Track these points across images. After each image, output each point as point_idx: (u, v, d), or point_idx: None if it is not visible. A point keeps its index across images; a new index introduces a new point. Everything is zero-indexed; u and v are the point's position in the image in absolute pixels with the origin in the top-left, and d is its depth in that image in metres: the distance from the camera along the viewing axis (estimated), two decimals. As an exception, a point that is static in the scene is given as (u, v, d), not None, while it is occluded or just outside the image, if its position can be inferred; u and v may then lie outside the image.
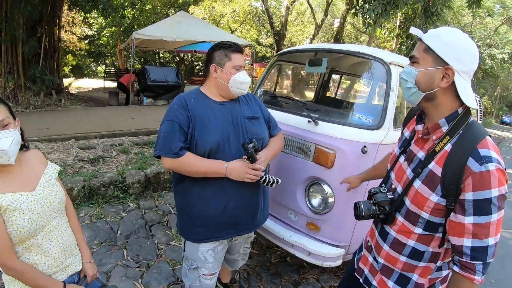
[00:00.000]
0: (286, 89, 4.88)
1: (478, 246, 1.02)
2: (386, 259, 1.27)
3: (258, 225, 1.98)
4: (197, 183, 1.72)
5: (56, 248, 1.35)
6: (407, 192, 1.16)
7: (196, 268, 1.88)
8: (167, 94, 10.21)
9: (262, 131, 1.85)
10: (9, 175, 1.25)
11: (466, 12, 14.99)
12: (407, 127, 1.34)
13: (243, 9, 21.84)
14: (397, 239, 1.22)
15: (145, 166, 4.25)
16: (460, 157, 1.02)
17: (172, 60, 22.58)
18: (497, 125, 29.89)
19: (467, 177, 1.00)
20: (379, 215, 1.23)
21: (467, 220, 1.01)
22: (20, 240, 1.24)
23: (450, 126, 1.09)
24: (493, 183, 0.97)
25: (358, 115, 2.34)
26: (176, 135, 1.62)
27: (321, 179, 2.22)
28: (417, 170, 1.13)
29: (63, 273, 1.39)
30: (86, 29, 21.27)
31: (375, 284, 1.33)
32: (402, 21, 10.73)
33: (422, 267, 1.21)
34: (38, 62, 8.58)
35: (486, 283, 3.18)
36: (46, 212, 1.30)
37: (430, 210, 1.09)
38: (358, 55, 2.52)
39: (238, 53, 1.72)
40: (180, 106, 1.67)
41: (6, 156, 1.17)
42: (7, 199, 1.19)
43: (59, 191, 1.40)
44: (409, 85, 1.14)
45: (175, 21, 11.57)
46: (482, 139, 1.03)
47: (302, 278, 2.84)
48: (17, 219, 1.20)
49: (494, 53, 17.19)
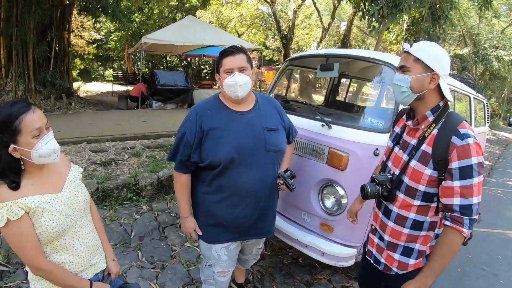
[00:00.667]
0: (294, 93, 4.93)
1: (465, 204, 1.28)
2: (391, 235, 1.51)
3: (269, 233, 2.05)
4: (210, 188, 1.81)
5: (83, 247, 1.39)
6: (405, 171, 1.43)
7: (211, 266, 1.95)
8: (176, 98, 10.26)
9: (281, 142, 1.87)
10: (36, 178, 1.28)
11: (473, 13, 14.93)
12: (398, 124, 1.64)
13: (250, 13, 21.97)
14: (400, 214, 1.47)
15: (158, 169, 4.32)
16: (446, 136, 1.32)
17: (179, 64, 22.74)
18: (504, 127, 29.53)
19: (452, 150, 1.28)
20: (382, 193, 1.47)
21: (455, 183, 1.28)
22: (48, 241, 1.27)
23: (435, 116, 1.39)
24: (473, 153, 1.26)
25: (370, 119, 2.40)
26: (180, 151, 1.76)
27: (334, 181, 2.28)
28: (412, 152, 1.42)
29: (90, 272, 1.43)
30: (94, 33, 21.53)
31: (383, 260, 1.57)
32: (410, 24, 10.73)
33: (423, 236, 1.46)
34: (48, 66, 8.69)
35: (495, 283, 3.22)
36: (73, 213, 1.34)
37: (426, 182, 1.36)
38: (369, 60, 2.58)
39: (229, 56, 1.71)
40: (193, 120, 1.74)
41: (55, 155, 1.25)
42: (36, 201, 1.22)
43: (84, 192, 1.45)
44: (403, 90, 1.40)
45: (184, 25, 11.67)
46: (461, 122, 1.34)
47: (314, 278, 2.88)
48: (46, 220, 1.24)
49: (501, 55, 17.03)
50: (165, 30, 11.53)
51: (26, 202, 1.20)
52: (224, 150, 1.69)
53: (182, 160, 1.77)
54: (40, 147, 1.20)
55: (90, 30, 18.20)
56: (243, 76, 1.69)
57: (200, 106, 1.83)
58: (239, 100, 1.75)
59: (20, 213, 1.18)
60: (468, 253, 3.79)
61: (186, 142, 1.73)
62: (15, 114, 1.17)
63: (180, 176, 1.82)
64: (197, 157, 1.74)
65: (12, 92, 8.18)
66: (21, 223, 1.19)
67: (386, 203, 1.53)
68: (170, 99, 10.21)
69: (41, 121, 1.22)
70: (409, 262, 1.50)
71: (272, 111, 1.91)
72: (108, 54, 23.80)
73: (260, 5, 22.51)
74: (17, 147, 1.18)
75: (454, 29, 16.62)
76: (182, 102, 10.41)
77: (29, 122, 1.18)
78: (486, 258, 3.78)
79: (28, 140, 1.19)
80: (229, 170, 1.73)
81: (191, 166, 1.79)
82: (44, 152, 1.21)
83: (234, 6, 21.38)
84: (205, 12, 21.05)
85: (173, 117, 8.17)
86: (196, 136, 1.71)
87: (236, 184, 1.76)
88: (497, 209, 5.63)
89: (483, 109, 4.98)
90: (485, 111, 5.03)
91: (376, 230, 1.63)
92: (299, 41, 26.06)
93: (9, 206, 1.17)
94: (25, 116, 1.18)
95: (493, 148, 12.98)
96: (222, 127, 1.72)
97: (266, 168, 1.81)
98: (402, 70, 1.40)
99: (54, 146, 1.24)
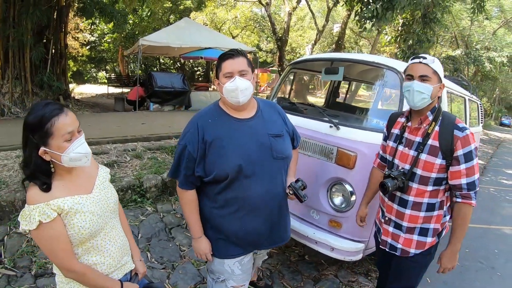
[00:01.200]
0: (296, 96, 5.01)
1: (470, 181, 1.59)
2: (409, 220, 1.75)
3: (282, 241, 1.94)
4: (217, 204, 1.72)
5: (114, 247, 1.37)
6: (416, 164, 1.67)
7: (224, 281, 1.81)
8: (173, 100, 10.29)
9: (287, 148, 1.80)
10: (66, 180, 1.26)
11: (465, 16, 15.20)
12: (394, 127, 1.88)
13: (245, 15, 22.00)
14: (415, 201, 1.72)
15: (161, 170, 4.37)
16: (448, 131, 1.61)
17: (172, 66, 22.68)
18: (496, 126, 30.06)
19: (457, 141, 1.58)
20: (399, 186, 1.70)
21: (461, 167, 1.58)
22: (80, 242, 1.25)
23: (433, 115, 1.68)
24: (471, 141, 1.58)
25: (376, 120, 2.50)
26: (183, 166, 1.65)
27: (343, 179, 2.38)
28: (420, 148, 1.67)
29: (120, 272, 1.41)
30: (87, 35, 21.43)
31: (400, 246, 1.80)
32: (402, 25, 10.90)
33: (436, 215, 1.74)
34: (45, 68, 8.64)
35: (493, 276, 3.34)
36: (104, 213, 1.32)
37: (437, 170, 1.64)
38: (373, 65, 2.68)
39: (229, 59, 1.61)
40: (195, 131, 1.64)
41: (85, 159, 1.24)
42: (68, 202, 1.20)
43: (113, 192, 1.43)
44: (424, 96, 1.63)
45: (180, 27, 11.67)
46: (455, 118, 1.66)
47: (321, 274, 2.97)
48: (78, 221, 1.22)
49: (493, 56, 17.33)
50: (161, 32, 11.54)
51: (58, 204, 1.18)
52: (229, 161, 1.60)
53: (186, 175, 1.66)
54: (72, 151, 1.18)
55: (84, 31, 18.06)
56: (244, 81, 1.59)
57: (199, 116, 1.70)
58: (240, 106, 1.66)
59: (53, 215, 1.16)
60: (466, 248, 3.91)
61: (188, 155, 1.62)
62: (48, 116, 1.14)
63: (186, 193, 1.70)
64: (201, 171, 1.64)
65: (8, 93, 8.11)
66: (53, 225, 1.17)
67: (401, 195, 1.76)
68: (168, 101, 10.23)
69: (74, 124, 1.20)
70: (426, 240, 1.76)
71: (275, 117, 1.83)
72: (101, 56, 23.66)
73: (254, 7, 22.61)
74: (47, 150, 1.16)
75: (447, 30, 16.88)
76: (179, 104, 10.45)
77: (62, 126, 1.16)
78: (483, 253, 3.91)
79: (60, 143, 1.16)
80: (237, 182, 1.64)
81: (196, 181, 1.68)
82: (75, 156, 1.19)
83: (229, 8, 21.40)
84: (199, 14, 21.03)
85: (172, 119, 8.22)
86: (199, 148, 1.61)
87: (244, 197, 1.67)
88: (491, 207, 5.79)
89: (477, 109, 5.11)
90: (479, 111, 5.16)
91: (390, 220, 1.84)
92: (293, 43, 26.12)
93: (41, 208, 1.15)
94: (57, 119, 1.15)
95: (486, 148, 13.23)
96: (224, 137, 1.62)
97: (274, 177, 1.73)
98: (422, 79, 1.62)
99: (86, 151, 1.23)
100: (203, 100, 11.13)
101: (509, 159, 11.82)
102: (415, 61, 1.68)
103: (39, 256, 2.72)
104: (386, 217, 1.87)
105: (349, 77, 4.05)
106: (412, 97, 1.65)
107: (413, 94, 1.63)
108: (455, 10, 13.57)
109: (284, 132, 1.80)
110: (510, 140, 20.28)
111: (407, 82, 1.68)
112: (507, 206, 5.97)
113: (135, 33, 17.44)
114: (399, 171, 1.72)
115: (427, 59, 1.63)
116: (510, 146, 16.58)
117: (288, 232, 1.97)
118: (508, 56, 17.98)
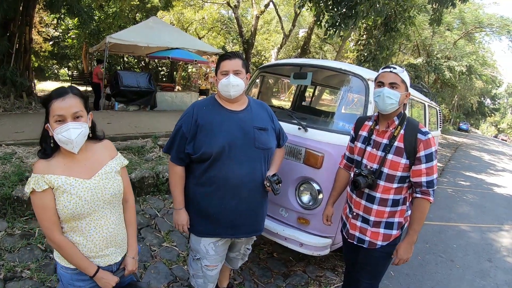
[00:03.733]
0: (258, 97, 5.12)
1: (429, 180, 1.78)
2: (376, 215, 1.92)
3: (258, 231, 2.12)
4: (200, 180, 1.92)
5: (99, 236, 1.43)
6: (384, 164, 1.85)
7: (199, 259, 2.05)
8: (139, 99, 10.02)
9: (270, 141, 2.00)
10: (72, 161, 1.39)
11: (427, 26, 16.01)
12: (362, 129, 2.03)
13: (212, 16, 21.86)
14: (382, 197, 1.88)
15: (129, 171, 4.28)
16: (412, 134, 1.80)
17: (136, 65, 22.06)
18: (454, 131, 31.86)
19: (419, 143, 1.77)
20: (369, 183, 1.86)
21: (422, 166, 1.77)
22: (64, 219, 1.36)
23: (399, 120, 1.86)
24: (432, 144, 1.78)
25: (342, 123, 2.65)
26: (176, 143, 1.91)
27: (311, 178, 2.51)
28: (387, 149, 1.85)
29: (101, 261, 1.47)
30: (51, 30, 20.51)
31: (368, 239, 1.96)
32: (363, 30, 11.22)
33: (399, 210, 1.92)
34: (8, 63, 8.24)
35: (452, 269, 3.62)
36: (95, 201, 1.39)
37: (402, 169, 1.81)
38: (341, 71, 2.83)
39: (227, 60, 1.88)
40: (190, 114, 1.91)
41: (71, 145, 1.32)
42: (60, 181, 1.33)
43: (116, 184, 1.48)
44: (393, 102, 1.81)
45: (149, 26, 11.39)
46: (419, 123, 1.86)
47: (290, 270, 3.09)
48: (64, 200, 1.33)
49: (453, 65, 18.33)
50: (129, 31, 11.21)
51: (51, 179, 1.31)
52: (216, 142, 1.82)
53: (177, 152, 1.90)
54: (59, 133, 1.29)
55: (50, 26, 17.24)
56: (236, 79, 1.85)
57: (197, 103, 1.99)
58: (231, 99, 1.91)
59: (44, 187, 1.30)
60: (426, 243, 4.20)
61: (182, 134, 1.88)
62: (49, 98, 1.32)
63: (175, 167, 1.94)
64: (191, 149, 1.87)
65: (-31, 89, 7.70)
66: (43, 196, 1.31)
67: (369, 191, 1.92)
68: (133, 101, 9.94)
69: (67, 110, 1.31)
70: (392, 233, 1.93)
71: (263, 114, 2.06)
72: (64, 52, 22.66)
73: (222, 9, 22.51)
74: (48, 126, 1.32)
75: (409, 40, 17.69)
76: (145, 104, 10.20)
77: (55, 108, 1.30)
78: (442, 247, 4.20)
79: (52, 123, 1.30)
80: (219, 163, 1.85)
81: (185, 157, 1.91)
82: (61, 139, 1.30)
83: (197, 8, 21.20)
84: (166, 14, 20.66)
85: (138, 119, 8.01)
86: (191, 129, 1.86)
87: (225, 176, 1.86)
88: (449, 205, 6.21)
89: (436, 115, 5.46)
90: (438, 117, 5.51)
91: (358, 215, 2.00)
92: (258, 46, 26.12)
93: (36, 179, 1.30)
94: (54, 101, 1.30)
95: (444, 151, 14.01)
96: (216, 122, 1.87)
97: (254, 163, 1.93)
98: (391, 86, 1.81)
99: (70, 137, 1.30)
100: (168, 101, 10.98)
101: (466, 162, 12.62)
102: (386, 70, 1.85)
103: (7, 259, 2.65)
104: (354, 212, 2.02)
105: (316, 82, 4.20)
106: (382, 102, 1.82)
107: (383, 99, 1.80)
108: (418, 20, 14.25)
109: (269, 127, 2.03)
110: (467, 144, 21.60)
111: (377, 89, 1.86)
112: (464, 205, 6.42)
113: (100, 30, 16.86)
114: (368, 170, 1.88)
115: (397, 69, 1.83)
116: (467, 150, 17.66)
117: (263, 224, 2.16)
118: (467, 65, 19.15)
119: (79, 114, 1.34)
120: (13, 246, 2.79)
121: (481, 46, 22.91)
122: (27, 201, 3.26)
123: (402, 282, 3.20)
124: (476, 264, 3.86)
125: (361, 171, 1.89)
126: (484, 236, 4.83)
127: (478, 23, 19.21)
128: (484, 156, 16.43)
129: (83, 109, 1.36)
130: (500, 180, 9.80)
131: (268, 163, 2.05)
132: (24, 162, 4.25)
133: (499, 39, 22.02)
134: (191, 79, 22.15)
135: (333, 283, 2.97)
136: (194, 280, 2.14)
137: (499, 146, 27.54)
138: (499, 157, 17.20)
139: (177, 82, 19.81)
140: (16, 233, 2.97)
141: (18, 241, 2.86)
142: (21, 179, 3.52)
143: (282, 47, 17.28)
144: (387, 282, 3.13)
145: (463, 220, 5.50)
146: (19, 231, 3.00)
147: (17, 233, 2.97)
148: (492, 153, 18.90)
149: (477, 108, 43.70)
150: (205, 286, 2.12)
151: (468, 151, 16.99)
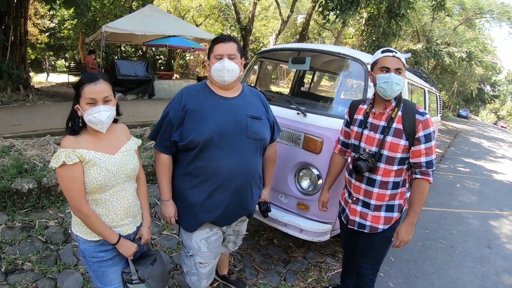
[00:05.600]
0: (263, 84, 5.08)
1: (429, 160, 1.79)
2: (377, 198, 1.91)
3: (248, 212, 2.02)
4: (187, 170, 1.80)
5: (120, 206, 1.58)
6: (383, 146, 1.84)
7: (192, 256, 1.96)
8: (137, 88, 10.04)
9: (263, 132, 1.87)
10: (98, 139, 1.52)
11: (427, 12, 15.84)
12: (356, 113, 2.01)
13: (209, 3, 21.61)
14: (383, 180, 1.88)
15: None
16: (410, 115, 1.80)
17: (134, 54, 21.87)
18: (454, 118, 31.82)
19: (418, 124, 1.77)
20: (370, 166, 1.84)
21: (422, 147, 1.78)
22: (91, 191, 1.48)
23: (396, 102, 1.85)
24: (430, 124, 1.78)
25: (341, 108, 2.61)
26: (162, 130, 1.80)
27: (310, 164, 2.48)
28: (385, 131, 1.83)
29: (121, 230, 1.61)
30: (47, 21, 20.26)
31: (369, 223, 1.95)
32: (367, 19, 11.21)
33: (400, 192, 1.92)
34: (4, 56, 8.16)
35: (452, 254, 3.62)
36: (119, 174, 1.53)
37: (401, 150, 1.81)
38: (340, 56, 2.78)
39: (221, 43, 1.74)
40: (178, 100, 1.78)
41: (101, 125, 1.46)
42: (90, 155, 1.45)
43: (135, 161, 1.64)
44: (399, 88, 1.79)
45: (145, 14, 11.28)
46: (415, 105, 1.85)
47: (290, 257, 3.09)
48: (94, 172, 1.45)
49: (453, 51, 18.21)
50: (126, 19, 11.11)
51: (82, 153, 1.43)
52: (204, 130, 1.69)
53: (162, 139, 1.79)
54: (90, 114, 1.42)
55: (45, 18, 17.00)
56: (231, 63, 1.72)
57: (187, 88, 1.85)
58: (225, 85, 1.78)
59: (75, 160, 1.41)
60: (426, 229, 4.21)
61: (168, 120, 1.76)
62: (81, 83, 1.44)
63: (160, 155, 1.82)
64: (177, 136, 1.74)
65: (-34, 82, 7.63)
66: (73, 168, 1.41)
67: (369, 175, 1.90)
68: (131, 90, 9.99)
69: (99, 94, 1.43)
70: (393, 215, 1.93)
71: (257, 102, 1.94)
72: (61, 44, 22.45)
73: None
74: (78, 107, 1.44)
75: (410, 25, 17.52)
76: (143, 93, 10.22)
77: (87, 91, 1.42)
78: (442, 233, 4.21)
79: (83, 105, 1.43)
80: (207, 152, 1.72)
81: (171, 146, 1.79)
82: (92, 119, 1.43)
83: (194, -5, 20.97)
84: (162, 1, 20.40)
85: (136, 108, 8.00)
86: (178, 115, 1.74)
87: (214, 167, 1.74)
88: (450, 191, 6.22)
89: (436, 101, 5.43)
90: (438, 103, 5.48)
91: (358, 200, 1.99)
92: (256, 33, 25.84)
93: (67, 153, 1.40)
94: (87, 85, 1.42)
95: (444, 138, 14.03)
96: (205, 110, 1.74)
97: (246, 154, 1.80)
98: (398, 72, 1.79)
99: (101, 118, 1.44)
100: (166, 89, 10.99)
101: (465, 148, 12.63)
102: (388, 54, 1.80)
103: (8, 252, 2.65)
104: (354, 197, 2.01)
105: (315, 67, 4.15)
106: (390, 88, 1.77)
107: (392, 85, 1.76)
108: (418, 6, 14.08)
109: (263, 117, 1.90)
110: (466, 130, 21.60)
111: (384, 74, 1.78)
112: (464, 191, 6.43)
113: (96, 19, 16.66)
114: (368, 153, 1.87)
115: (398, 54, 1.80)
116: (467, 136, 17.67)
117: (254, 207, 2.05)
118: (467, 51, 19.00)
119: (109, 98, 1.47)
120: (13, 239, 2.80)
121: (481, 33, 22.74)
122: (27, 194, 3.27)
123: (403, 267, 3.21)
124: (476, 251, 3.87)
125: (360, 155, 1.87)
126: (483, 223, 4.84)
127: (478, 9, 19.06)
128: (483, 142, 16.43)
129: (112, 93, 1.50)
130: (499, 167, 9.81)
131: (261, 156, 1.95)
132: (23, 154, 4.23)
133: (500, 26, 21.87)
134: (189, 67, 22.02)
135: (334, 269, 2.98)
136: (188, 277, 2.07)
137: (499, 133, 27.57)
138: (499, 144, 17.22)
139: (175, 70, 19.66)
140: (16, 225, 2.97)
141: (19, 234, 2.86)
142: (20, 171, 3.51)
143: (281, 33, 17.09)
144: (387, 267, 3.14)
145: (463, 206, 5.51)
146: (19, 223, 3.00)
147: (17, 225, 2.97)
148: (491, 140, 18.92)
149: (476, 94, 43.62)
150: (199, 284, 2.05)
151: (467, 138, 16.99)
